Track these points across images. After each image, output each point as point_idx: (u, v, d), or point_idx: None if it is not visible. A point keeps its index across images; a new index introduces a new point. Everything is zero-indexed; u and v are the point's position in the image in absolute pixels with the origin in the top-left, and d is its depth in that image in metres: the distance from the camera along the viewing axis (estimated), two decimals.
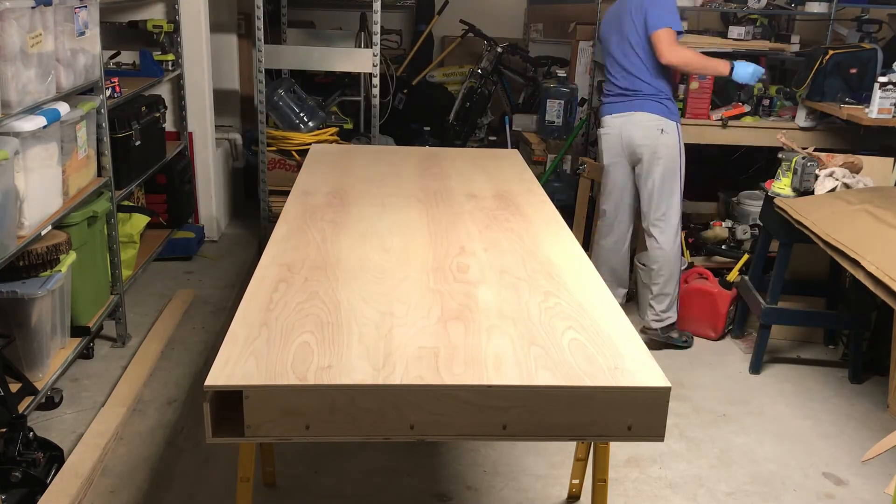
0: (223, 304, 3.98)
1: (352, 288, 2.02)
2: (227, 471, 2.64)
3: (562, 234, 2.51)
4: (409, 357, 1.68)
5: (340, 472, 2.69)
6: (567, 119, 5.07)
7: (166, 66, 4.34)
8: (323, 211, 2.65)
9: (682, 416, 3.13)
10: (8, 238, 2.50)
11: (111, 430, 2.79)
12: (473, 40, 6.58)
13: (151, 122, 3.97)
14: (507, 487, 2.65)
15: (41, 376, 2.81)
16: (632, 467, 2.78)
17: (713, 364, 3.59)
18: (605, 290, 2.08)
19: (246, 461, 1.93)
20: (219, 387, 1.57)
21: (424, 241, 2.39)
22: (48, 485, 2.41)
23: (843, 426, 3.12)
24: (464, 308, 1.92)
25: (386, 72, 6.03)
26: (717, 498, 2.66)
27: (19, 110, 2.53)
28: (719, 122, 4.17)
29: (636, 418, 1.63)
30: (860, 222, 2.92)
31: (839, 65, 3.94)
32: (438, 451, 2.81)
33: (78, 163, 3.07)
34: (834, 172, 3.33)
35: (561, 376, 1.63)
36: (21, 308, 2.70)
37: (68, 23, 2.86)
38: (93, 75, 3.14)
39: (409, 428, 1.60)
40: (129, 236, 3.80)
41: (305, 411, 1.57)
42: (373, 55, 4.43)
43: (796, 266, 3.64)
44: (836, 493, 2.71)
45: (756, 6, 4.65)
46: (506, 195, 2.92)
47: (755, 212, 4.03)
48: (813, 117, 4.14)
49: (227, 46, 5.28)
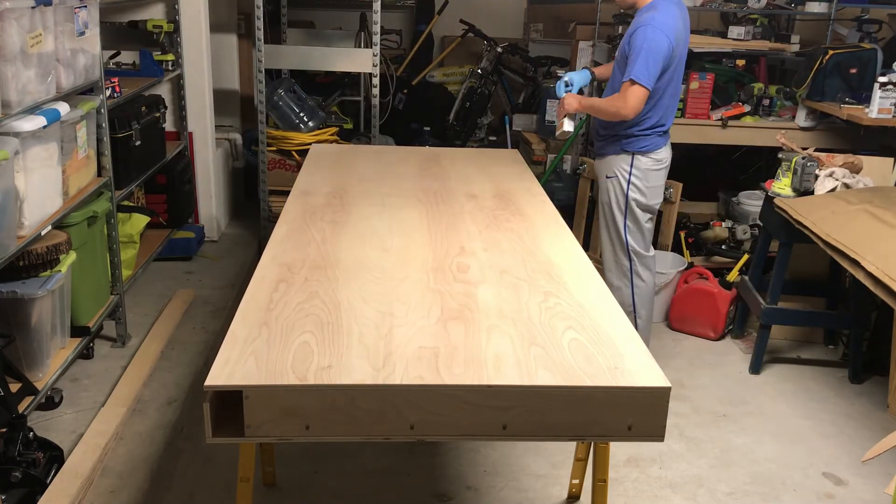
0: (223, 304, 3.98)
1: (352, 288, 2.02)
2: (227, 471, 2.64)
3: (562, 234, 2.51)
4: (409, 357, 1.68)
5: (340, 472, 2.69)
6: None
7: (166, 66, 4.34)
8: (323, 211, 2.65)
9: (682, 416, 3.13)
10: (8, 238, 2.50)
11: (111, 430, 2.79)
12: (473, 40, 6.58)
13: (151, 122, 3.97)
14: (507, 487, 2.65)
15: (41, 376, 2.80)
16: (632, 467, 2.78)
17: (713, 364, 3.59)
18: (605, 289, 2.08)
19: (246, 461, 1.93)
20: (219, 387, 1.57)
21: (424, 241, 2.39)
22: (48, 485, 2.41)
23: (843, 426, 3.12)
24: (464, 308, 1.92)
25: (386, 72, 6.03)
26: (717, 498, 2.66)
27: (19, 110, 2.53)
28: (719, 122, 4.17)
29: (636, 418, 1.63)
30: (860, 222, 2.92)
31: (839, 65, 3.94)
32: (438, 451, 2.81)
33: (78, 163, 3.07)
34: (834, 172, 3.33)
35: (561, 376, 1.63)
36: (21, 308, 2.70)
37: (68, 23, 2.86)
38: (93, 75, 3.14)
39: (409, 428, 1.60)
40: (129, 236, 3.80)
41: (305, 411, 1.57)
42: (373, 55, 4.43)
43: (796, 266, 3.64)
44: (836, 493, 2.71)
45: (756, 6, 4.65)
46: (506, 195, 2.92)
47: (755, 212, 4.03)
48: (813, 117, 4.14)
49: (227, 46, 5.27)
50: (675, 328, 3.89)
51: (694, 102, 4.17)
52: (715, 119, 4.18)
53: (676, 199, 3.95)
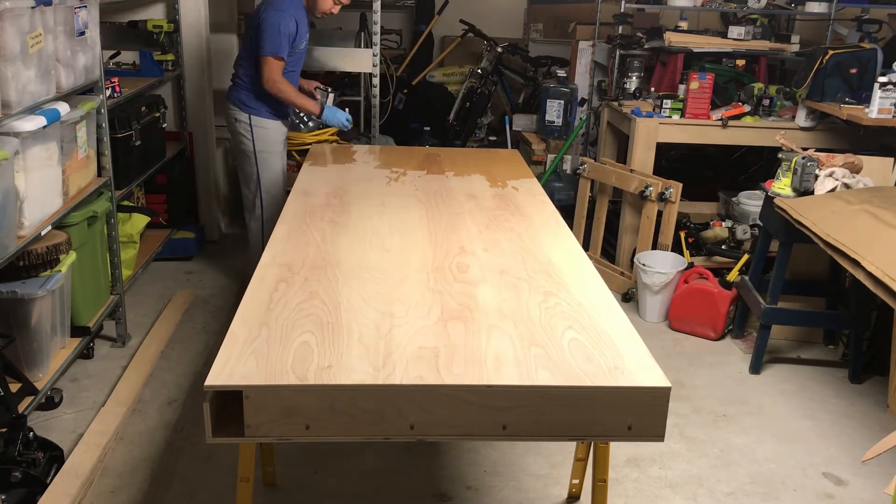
0: (223, 304, 3.98)
1: (352, 288, 2.02)
2: (227, 471, 2.64)
3: (562, 234, 2.51)
4: (409, 357, 1.68)
5: (340, 472, 2.69)
6: (567, 119, 5.07)
7: (166, 66, 4.34)
8: (323, 211, 2.65)
9: (682, 416, 3.13)
10: (8, 238, 2.50)
11: (111, 430, 2.79)
12: (473, 40, 6.58)
13: (151, 122, 3.97)
14: (507, 487, 2.65)
15: (41, 376, 2.80)
16: (632, 467, 2.78)
17: (713, 364, 3.59)
18: (606, 289, 2.08)
19: (246, 461, 1.93)
20: (219, 387, 1.57)
21: (424, 240, 2.39)
22: (48, 485, 2.41)
23: (843, 426, 3.12)
24: (464, 308, 1.92)
25: (386, 72, 6.03)
26: (717, 498, 2.66)
27: (19, 110, 2.53)
28: (719, 122, 4.17)
29: (636, 418, 1.63)
30: (860, 222, 2.92)
31: (839, 65, 3.93)
32: (438, 451, 2.81)
33: (78, 163, 3.07)
34: (834, 172, 3.33)
35: (561, 376, 1.63)
36: (21, 308, 2.70)
37: (68, 23, 2.86)
38: (93, 75, 3.14)
39: (409, 428, 1.60)
40: (129, 236, 3.79)
41: (305, 411, 1.57)
42: (373, 55, 4.43)
43: (796, 266, 3.64)
44: (836, 493, 2.71)
45: (756, 6, 4.65)
46: (506, 195, 2.92)
47: (755, 212, 4.02)
48: (813, 117, 4.14)
49: (227, 46, 5.27)
50: (675, 328, 3.89)
51: (694, 102, 4.17)
52: (715, 119, 4.18)
53: (676, 199, 3.95)
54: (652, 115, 4.22)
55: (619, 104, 4.55)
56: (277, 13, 3.45)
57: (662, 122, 4.19)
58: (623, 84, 4.75)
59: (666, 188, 3.96)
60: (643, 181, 4.03)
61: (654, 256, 4.00)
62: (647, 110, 4.30)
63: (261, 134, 3.70)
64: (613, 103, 4.63)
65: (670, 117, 4.20)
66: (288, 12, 3.47)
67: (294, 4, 3.53)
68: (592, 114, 5.28)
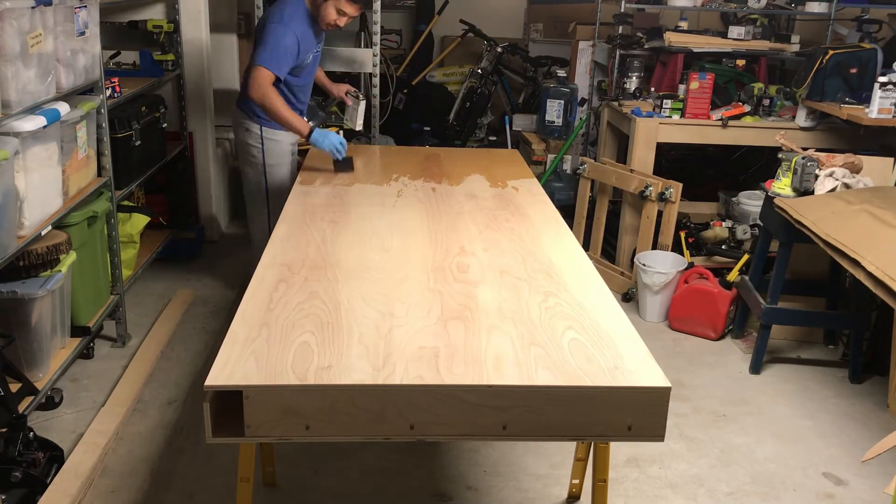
0: (223, 304, 3.98)
1: (352, 288, 2.02)
2: (227, 471, 2.64)
3: (562, 234, 2.51)
4: (409, 357, 1.68)
5: (340, 472, 2.69)
6: (567, 119, 5.08)
7: (166, 66, 4.34)
8: (323, 211, 2.65)
9: (682, 416, 3.13)
10: (8, 238, 2.50)
11: (111, 430, 2.79)
12: (473, 40, 6.58)
13: (151, 122, 3.97)
14: (507, 487, 2.65)
15: (41, 376, 2.80)
16: (632, 467, 2.78)
17: (713, 364, 3.59)
18: (606, 290, 2.08)
19: (246, 461, 1.93)
20: (219, 387, 1.57)
21: (424, 240, 2.39)
22: (48, 485, 2.41)
23: (843, 426, 3.12)
24: (464, 308, 1.92)
25: (386, 72, 6.03)
26: (717, 498, 2.66)
27: (19, 110, 2.53)
28: (719, 122, 4.17)
29: (636, 418, 1.63)
30: (860, 222, 2.92)
31: (839, 65, 3.94)
32: (438, 451, 2.81)
33: (78, 163, 3.07)
34: (834, 172, 3.33)
35: (561, 376, 1.63)
36: (21, 308, 2.70)
37: (68, 23, 2.86)
38: (93, 75, 3.14)
39: (409, 428, 1.60)
40: (129, 236, 3.79)
41: (305, 411, 1.57)
42: (373, 55, 4.43)
43: (796, 266, 3.64)
44: (836, 493, 2.71)
45: (756, 6, 4.65)
46: (506, 195, 2.92)
47: (755, 212, 4.03)
48: (813, 117, 4.14)
49: (227, 46, 5.27)
50: (675, 328, 3.89)
51: (694, 102, 4.17)
52: (715, 119, 4.18)
53: (676, 199, 3.95)
54: (652, 115, 4.22)
55: (619, 104, 4.55)
56: (281, 26, 3.32)
57: (662, 122, 4.19)
58: (623, 84, 4.75)
59: (666, 188, 3.96)
60: (643, 181, 4.03)
61: (654, 256, 4.00)
62: (647, 110, 4.30)
63: (272, 147, 3.56)
64: (613, 103, 4.63)
65: (670, 117, 4.20)
66: (290, 26, 3.33)
67: (299, 16, 3.40)
68: (592, 114, 5.29)
